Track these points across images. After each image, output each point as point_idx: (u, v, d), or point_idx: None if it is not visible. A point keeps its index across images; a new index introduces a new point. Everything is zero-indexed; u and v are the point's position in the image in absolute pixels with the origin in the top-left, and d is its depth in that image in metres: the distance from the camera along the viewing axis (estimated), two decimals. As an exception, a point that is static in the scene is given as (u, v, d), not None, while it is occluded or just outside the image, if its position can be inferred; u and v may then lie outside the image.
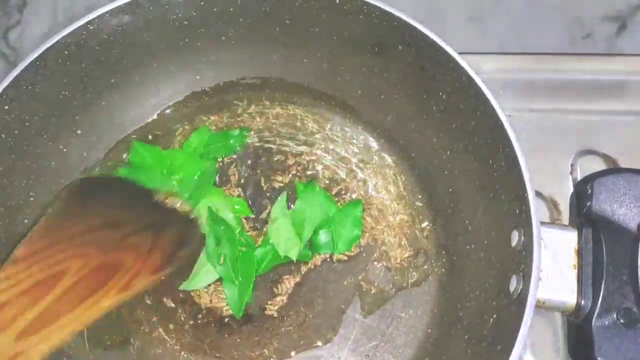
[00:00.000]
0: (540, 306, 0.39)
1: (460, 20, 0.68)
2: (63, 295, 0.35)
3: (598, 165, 0.58)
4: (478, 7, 0.68)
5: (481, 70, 0.62)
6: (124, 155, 0.55)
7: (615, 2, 0.69)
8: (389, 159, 0.55)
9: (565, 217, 0.54)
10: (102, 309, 0.37)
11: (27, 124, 0.48)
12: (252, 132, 0.56)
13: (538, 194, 0.56)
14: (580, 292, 0.38)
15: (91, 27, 0.48)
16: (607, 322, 0.37)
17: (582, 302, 0.38)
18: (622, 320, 0.37)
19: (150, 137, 0.56)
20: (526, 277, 0.38)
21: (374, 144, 0.56)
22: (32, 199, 0.49)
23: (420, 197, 0.53)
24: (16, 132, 0.47)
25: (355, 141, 0.56)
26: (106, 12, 0.47)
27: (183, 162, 0.54)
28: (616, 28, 0.67)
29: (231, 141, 0.56)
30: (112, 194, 0.46)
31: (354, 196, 0.53)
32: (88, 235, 0.39)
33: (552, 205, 0.56)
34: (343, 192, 0.54)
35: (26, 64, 0.45)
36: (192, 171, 0.54)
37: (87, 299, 0.36)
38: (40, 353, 0.33)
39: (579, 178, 0.55)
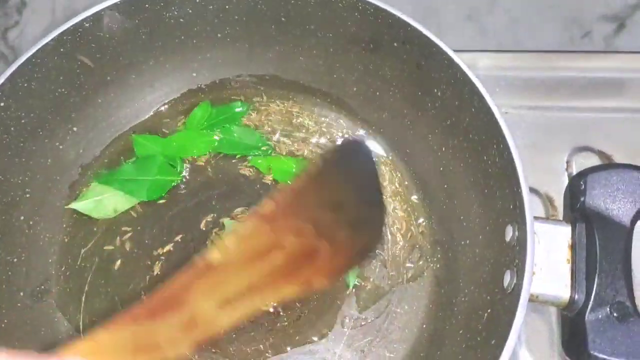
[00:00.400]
0: (534, 300, 0.39)
1: (458, 20, 0.68)
2: (274, 265, 0.31)
3: (593, 161, 0.58)
4: (476, 6, 0.69)
5: (477, 67, 0.63)
6: (121, 153, 0.56)
7: (613, 1, 0.69)
8: (384, 156, 0.55)
9: (560, 214, 0.55)
10: (285, 294, 0.33)
11: (23, 121, 0.48)
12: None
13: (534, 191, 0.57)
14: (573, 286, 0.38)
15: (87, 25, 0.48)
16: (600, 316, 0.37)
17: (576, 296, 0.38)
18: (615, 314, 0.37)
19: (146, 134, 0.56)
20: (520, 272, 0.38)
21: (369, 141, 0.56)
22: (28, 195, 0.50)
23: (415, 193, 0.53)
24: (12, 129, 0.47)
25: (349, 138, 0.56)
26: (102, 10, 0.48)
27: (193, 139, 0.55)
28: (614, 27, 0.67)
29: (236, 110, 0.56)
30: (356, 172, 0.37)
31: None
32: (315, 211, 0.34)
33: (548, 201, 0.56)
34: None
35: (22, 61, 0.46)
36: (204, 146, 0.55)
37: (286, 277, 0.32)
38: (227, 327, 0.30)
39: (574, 174, 0.55)
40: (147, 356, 0.26)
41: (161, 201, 0.53)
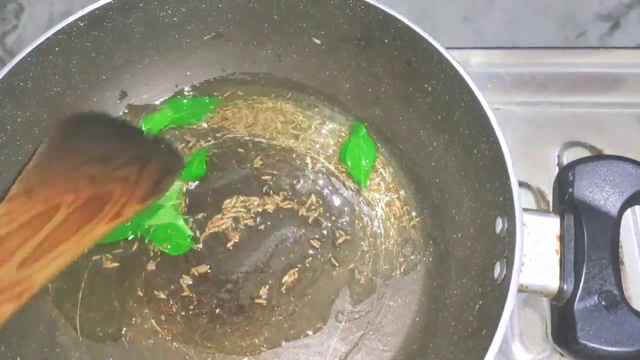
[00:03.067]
0: (523, 290, 0.39)
1: (455, 20, 0.69)
2: (59, 226, 0.37)
3: (584, 156, 0.59)
4: (472, 6, 0.69)
5: (469, 64, 0.63)
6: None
7: (608, 0, 0.69)
8: (376, 151, 0.56)
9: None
10: (96, 236, 0.40)
11: (19, 120, 0.48)
12: (242, 127, 0.57)
13: (525, 185, 0.57)
14: (562, 276, 0.39)
15: (82, 24, 0.48)
16: (588, 305, 0.38)
17: (564, 285, 0.39)
18: (603, 303, 0.38)
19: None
20: (509, 263, 0.39)
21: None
22: (24, 194, 0.50)
23: (407, 188, 0.54)
24: (8, 127, 0.47)
25: (344, 134, 0.56)
26: (96, 9, 0.48)
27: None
28: (609, 27, 0.68)
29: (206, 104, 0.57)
30: (100, 130, 0.48)
31: (343, 187, 0.54)
32: (78, 171, 0.42)
33: (539, 195, 0.57)
34: (332, 183, 0.55)
35: (17, 60, 0.46)
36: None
37: (82, 228, 0.38)
38: (44, 278, 0.36)
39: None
40: None
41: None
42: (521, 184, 0.57)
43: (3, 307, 0.34)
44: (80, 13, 0.48)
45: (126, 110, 0.56)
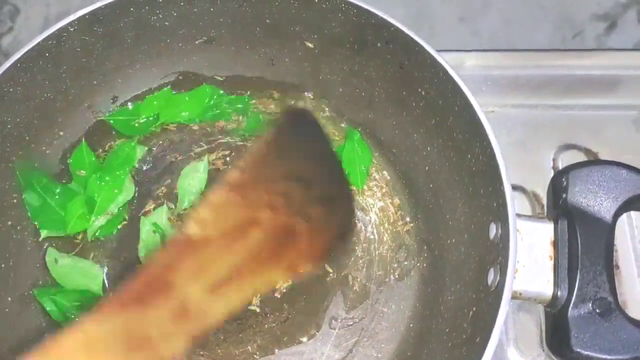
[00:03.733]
0: (517, 297, 0.39)
1: (452, 21, 0.69)
2: (253, 247, 0.28)
3: (579, 159, 0.59)
4: (469, 7, 0.69)
5: (464, 66, 0.63)
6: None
7: (604, 0, 0.69)
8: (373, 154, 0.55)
9: (547, 211, 0.55)
10: (270, 282, 0.31)
11: (9, 126, 0.48)
12: (234, 132, 0.57)
13: (520, 188, 0.57)
14: (556, 282, 0.39)
15: (72, 29, 0.48)
16: (582, 312, 0.37)
17: (558, 292, 0.38)
18: (597, 310, 0.37)
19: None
20: (503, 269, 0.38)
21: (355, 141, 0.56)
22: (15, 200, 0.50)
23: (401, 193, 0.54)
24: (-2, 133, 0.47)
25: (337, 138, 0.56)
26: (86, 14, 0.48)
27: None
28: (606, 27, 0.68)
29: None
30: (309, 142, 0.36)
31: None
32: (282, 182, 0.32)
33: (534, 199, 0.57)
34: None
35: (6, 67, 0.46)
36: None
37: (267, 262, 0.29)
38: (222, 316, 0.26)
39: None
40: (141, 355, 0.22)
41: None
42: (516, 187, 0.56)
43: (178, 344, 0.25)
44: (71, 18, 0.47)
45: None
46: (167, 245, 0.26)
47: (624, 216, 0.54)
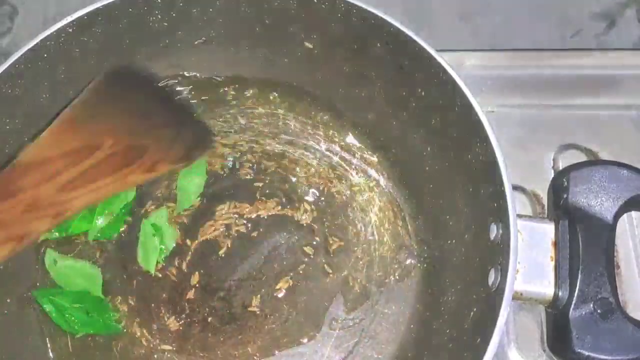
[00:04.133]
0: (518, 298, 0.39)
1: (451, 20, 0.68)
2: (98, 163, 0.39)
3: (580, 159, 0.59)
4: (468, 6, 0.69)
5: (464, 66, 0.63)
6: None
7: (604, -1, 0.69)
8: (370, 157, 0.55)
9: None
10: (130, 183, 0.42)
11: (7, 127, 0.48)
12: (234, 132, 0.56)
13: (521, 189, 0.57)
14: (557, 283, 0.38)
15: (70, 30, 0.48)
16: (584, 313, 0.37)
17: (559, 293, 0.38)
18: (599, 311, 0.37)
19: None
20: (504, 270, 0.38)
21: (355, 141, 0.56)
22: (13, 202, 0.49)
23: (401, 193, 0.53)
24: (-4, 136, 0.47)
25: (337, 139, 0.56)
26: (84, 15, 0.47)
27: None
28: (605, 25, 0.68)
29: None
30: (143, 87, 0.49)
31: (336, 193, 0.54)
32: (119, 118, 0.43)
33: (535, 199, 0.56)
34: (325, 189, 0.54)
35: (5, 67, 0.46)
36: None
37: (118, 171, 0.40)
38: (79, 205, 0.38)
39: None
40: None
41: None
42: (516, 188, 0.56)
43: (39, 223, 0.35)
44: (69, 19, 0.47)
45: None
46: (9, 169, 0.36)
47: (625, 216, 0.54)
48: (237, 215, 0.53)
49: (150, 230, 0.51)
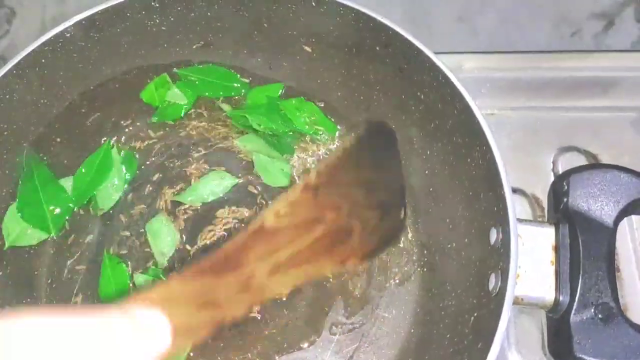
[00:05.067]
0: (519, 303, 0.39)
1: (449, 21, 0.68)
2: (315, 242, 0.32)
3: (579, 161, 0.58)
4: (467, 7, 0.69)
5: (463, 69, 0.63)
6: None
7: (602, -1, 0.69)
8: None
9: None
10: (322, 272, 0.34)
11: (5, 132, 0.48)
12: (232, 136, 0.56)
13: (520, 192, 0.57)
14: (557, 288, 0.38)
15: (68, 35, 0.48)
16: (585, 317, 0.37)
17: (560, 297, 0.38)
18: (599, 315, 0.37)
19: (132, 144, 0.56)
20: (504, 274, 0.38)
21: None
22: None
23: (401, 197, 0.53)
24: (-5, 141, 0.47)
25: (336, 142, 0.56)
26: (82, 20, 0.47)
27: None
28: (603, 25, 0.67)
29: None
30: (382, 154, 0.39)
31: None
32: (349, 187, 0.35)
33: (535, 202, 0.56)
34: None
35: (3, 72, 0.45)
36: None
37: (323, 254, 0.33)
38: (272, 296, 0.31)
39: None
40: (208, 313, 0.26)
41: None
42: (516, 191, 0.56)
43: (240, 309, 0.28)
44: (67, 24, 0.47)
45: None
46: (246, 230, 0.30)
47: (625, 219, 0.54)
48: (236, 220, 0.53)
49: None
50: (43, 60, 0.47)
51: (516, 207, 0.39)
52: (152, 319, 0.23)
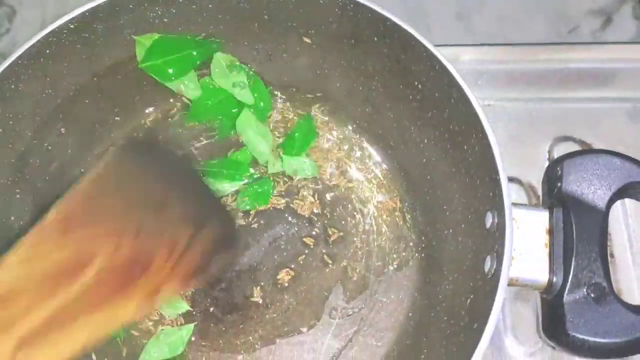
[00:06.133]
0: (514, 284, 0.40)
1: (447, 17, 0.69)
2: (86, 287, 0.27)
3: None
4: (465, 3, 0.70)
5: (460, 60, 0.63)
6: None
7: (600, -5, 0.70)
8: (368, 149, 0.56)
9: (544, 203, 0.56)
10: (119, 319, 0.29)
11: (11, 122, 0.48)
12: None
13: (517, 181, 0.58)
14: (551, 269, 0.39)
15: (72, 26, 0.49)
16: (577, 297, 0.38)
17: (554, 278, 0.39)
18: (592, 295, 0.38)
19: (134, 134, 0.57)
20: (499, 257, 0.39)
21: (353, 134, 0.57)
22: (18, 196, 0.50)
23: (399, 184, 0.54)
24: (0, 130, 0.48)
25: (335, 132, 0.57)
26: (86, 11, 0.48)
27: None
28: (601, 22, 0.68)
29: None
30: (161, 166, 0.36)
31: (335, 184, 0.55)
32: (127, 213, 0.31)
33: (530, 190, 0.57)
34: (325, 181, 0.55)
35: (8, 63, 0.46)
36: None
37: (109, 299, 0.28)
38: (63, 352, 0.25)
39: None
40: None
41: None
42: (512, 180, 0.57)
43: None
44: (71, 15, 0.48)
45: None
46: None
47: (619, 205, 0.55)
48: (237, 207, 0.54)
49: None
50: (47, 51, 0.48)
51: (512, 195, 0.40)
52: None
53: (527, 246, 0.40)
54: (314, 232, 0.53)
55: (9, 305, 0.24)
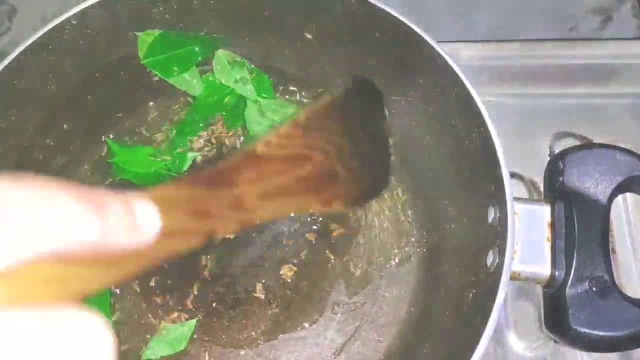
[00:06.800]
0: (516, 278, 0.40)
1: (447, 14, 0.69)
2: (302, 178, 0.34)
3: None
4: (465, 2, 0.70)
5: (460, 57, 0.63)
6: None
7: (600, -6, 0.70)
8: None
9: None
10: (306, 209, 0.39)
11: (13, 118, 0.49)
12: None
13: (518, 176, 0.58)
14: (553, 262, 0.39)
15: (74, 22, 0.49)
16: (580, 291, 0.38)
17: (556, 272, 0.39)
18: (594, 289, 0.38)
19: (136, 129, 0.57)
20: (501, 251, 0.39)
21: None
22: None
23: (401, 180, 0.54)
24: (2, 125, 0.48)
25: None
26: (88, 7, 0.48)
27: None
28: (601, 20, 0.68)
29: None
30: (370, 106, 0.43)
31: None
32: (334, 133, 0.38)
33: (531, 186, 0.57)
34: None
35: (10, 59, 0.46)
36: None
37: (311, 192, 0.35)
38: (263, 218, 0.32)
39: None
40: (198, 222, 0.27)
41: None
42: (513, 175, 0.57)
43: (228, 225, 0.30)
44: (73, 11, 0.48)
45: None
46: (239, 154, 0.31)
47: (620, 201, 0.55)
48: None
49: None
50: (50, 47, 0.48)
51: (513, 190, 0.40)
52: (144, 205, 0.22)
53: (529, 240, 0.40)
54: (316, 228, 0.53)
55: (267, 166, 0.32)
